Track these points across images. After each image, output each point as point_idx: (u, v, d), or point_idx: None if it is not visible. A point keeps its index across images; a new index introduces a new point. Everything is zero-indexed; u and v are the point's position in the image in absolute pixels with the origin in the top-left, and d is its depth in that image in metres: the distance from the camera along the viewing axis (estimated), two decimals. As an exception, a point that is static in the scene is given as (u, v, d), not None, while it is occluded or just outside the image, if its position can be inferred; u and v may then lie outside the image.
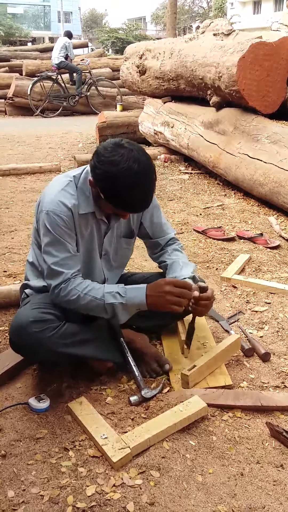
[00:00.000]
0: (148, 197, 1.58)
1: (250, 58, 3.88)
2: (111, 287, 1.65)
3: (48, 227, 1.59)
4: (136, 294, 1.64)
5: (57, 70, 10.14)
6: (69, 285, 1.61)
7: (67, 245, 1.62)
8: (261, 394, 1.65)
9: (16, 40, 31.09)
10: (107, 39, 33.09)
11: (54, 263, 1.61)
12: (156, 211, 1.87)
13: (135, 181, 1.50)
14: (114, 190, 1.52)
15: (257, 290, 2.47)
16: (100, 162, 1.52)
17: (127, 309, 1.64)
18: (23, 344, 1.58)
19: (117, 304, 1.61)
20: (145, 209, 1.69)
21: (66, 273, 1.61)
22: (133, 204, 1.58)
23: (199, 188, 4.52)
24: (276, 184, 3.49)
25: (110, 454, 1.38)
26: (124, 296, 1.62)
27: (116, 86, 10.28)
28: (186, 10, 43.51)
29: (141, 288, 1.65)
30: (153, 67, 5.60)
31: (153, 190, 1.60)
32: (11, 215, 3.75)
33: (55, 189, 1.64)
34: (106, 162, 1.51)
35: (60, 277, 1.61)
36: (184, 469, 1.37)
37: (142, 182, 1.52)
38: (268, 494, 1.30)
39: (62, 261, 1.61)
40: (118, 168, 1.49)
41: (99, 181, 1.55)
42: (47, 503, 1.27)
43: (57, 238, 1.60)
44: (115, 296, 1.62)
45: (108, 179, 1.52)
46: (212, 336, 2.01)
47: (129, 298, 1.63)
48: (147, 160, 1.54)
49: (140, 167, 1.50)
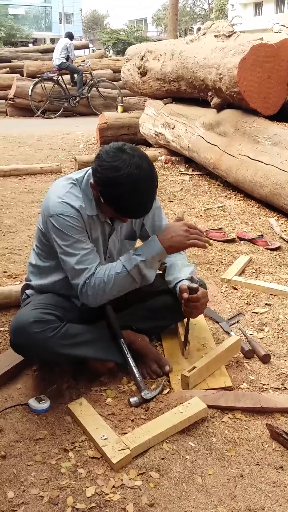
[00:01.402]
0: (148, 204, 1.57)
1: (251, 60, 3.88)
2: (125, 255, 1.66)
3: (61, 229, 1.59)
4: (151, 246, 1.64)
5: (58, 71, 10.16)
6: (91, 279, 1.61)
7: (83, 242, 1.62)
8: (261, 395, 1.65)
9: (17, 41, 31.19)
10: (108, 40, 33.17)
11: (76, 262, 1.60)
12: (158, 212, 1.86)
13: (136, 188, 1.49)
14: (115, 196, 1.52)
15: (258, 291, 2.47)
16: (101, 166, 1.52)
17: (150, 264, 1.63)
18: (24, 344, 1.58)
19: (139, 263, 1.61)
20: (146, 215, 1.69)
21: (90, 268, 1.61)
22: (133, 211, 1.58)
23: (200, 190, 4.53)
24: (276, 185, 3.50)
25: (110, 455, 1.38)
26: (141, 254, 1.62)
27: (117, 87, 10.29)
28: (187, 12, 43.58)
29: (152, 239, 1.66)
30: (154, 69, 5.60)
31: (154, 197, 1.59)
32: (12, 216, 3.75)
33: (59, 192, 1.63)
34: (108, 167, 1.50)
35: (85, 274, 1.61)
36: (184, 471, 1.37)
37: (143, 189, 1.52)
38: (268, 496, 1.30)
39: (83, 258, 1.61)
40: (119, 174, 1.48)
41: (100, 186, 1.55)
42: (47, 504, 1.27)
43: (72, 237, 1.60)
44: (134, 258, 1.62)
45: (108, 185, 1.51)
46: (212, 337, 2.01)
47: (146, 253, 1.62)
48: (148, 167, 1.53)
49: (141, 174, 1.49)
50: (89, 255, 1.62)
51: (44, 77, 10.06)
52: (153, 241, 1.64)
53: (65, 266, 1.64)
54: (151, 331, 1.95)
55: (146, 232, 1.87)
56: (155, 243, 1.64)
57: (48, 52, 14.63)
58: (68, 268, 1.63)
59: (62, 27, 30.39)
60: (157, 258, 1.65)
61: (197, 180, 4.85)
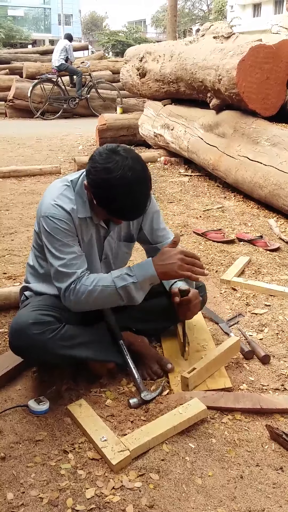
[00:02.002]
0: (141, 206, 1.56)
1: (250, 61, 3.89)
2: (117, 271, 1.64)
3: (49, 231, 1.59)
4: (144, 269, 1.61)
5: (57, 72, 10.16)
6: (77, 284, 1.60)
7: (71, 246, 1.61)
8: (261, 396, 1.65)
9: (16, 43, 31.22)
10: (107, 41, 33.20)
11: (61, 265, 1.59)
12: (156, 216, 1.86)
13: (128, 190, 1.48)
14: (107, 198, 1.52)
15: (257, 292, 2.47)
16: (94, 168, 1.51)
17: (140, 287, 1.61)
18: (23, 346, 1.57)
19: (129, 285, 1.59)
20: (139, 217, 1.68)
21: (76, 272, 1.60)
22: (126, 213, 1.57)
23: (199, 191, 4.53)
24: (276, 186, 3.50)
25: (110, 456, 1.38)
26: (133, 275, 1.60)
27: (116, 89, 10.30)
28: (186, 13, 43.61)
29: (147, 262, 1.63)
30: (153, 70, 5.61)
31: (148, 199, 1.58)
32: (11, 217, 3.75)
33: (53, 194, 1.63)
34: (100, 169, 1.50)
35: (70, 278, 1.59)
36: (183, 472, 1.37)
37: (136, 191, 1.50)
38: (268, 497, 1.30)
39: (69, 262, 1.60)
40: (111, 176, 1.48)
41: (93, 187, 1.54)
42: (47, 506, 1.26)
43: (60, 240, 1.59)
44: (125, 278, 1.60)
45: (101, 187, 1.51)
46: (212, 338, 2.01)
47: (139, 275, 1.60)
48: (142, 168, 1.52)
49: (134, 176, 1.49)
50: (75, 260, 1.61)
51: (44, 78, 10.06)
52: (148, 264, 1.62)
53: (50, 268, 1.63)
54: (151, 332, 1.95)
55: (145, 236, 1.86)
56: (149, 267, 1.61)
57: (47, 54, 14.64)
58: (53, 271, 1.62)
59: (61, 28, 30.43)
60: (148, 282, 1.63)
61: (196, 181, 4.86)
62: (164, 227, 1.90)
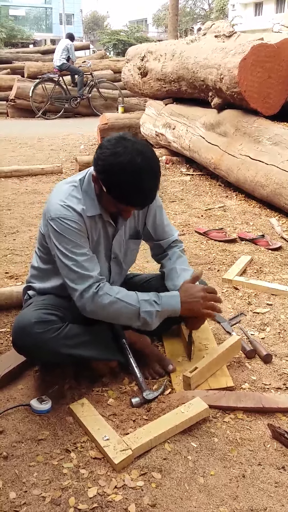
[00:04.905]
0: (151, 191, 1.55)
1: (251, 60, 3.88)
2: (145, 294, 1.66)
3: (61, 232, 1.57)
4: (171, 301, 1.67)
5: (59, 72, 10.16)
6: (99, 290, 1.59)
7: (83, 247, 1.61)
8: (263, 395, 1.65)
9: (18, 42, 31.24)
10: (108, 41, 33.20)
11: (75, 265, 1.58)
12: (159, 212, 1.86)
13: (137, 173, 1.47)
14: (116, 183, 1.51)
15: (259, 291, 2.47)
16: (103, 153, 1.51)
17: (161, 316, 1.66)
18: (26, 345, 1.58)
19: (153, 312, 1.63)
20: (148, 204, 1.65)
21: (93, 276, 1.59)
22: (136, 198, 1.54)
23: (201, 190, 4.53)
24: (277, 185, 3.49)
25: (112, 455, 1.38)
26: (160, 304, 1.64)
27: (118, 88, 10.30)
28: (187, 12, 43.58)
29: (174, 296, 1.68)
30: (154, 69, 5.61)
31: (157, 185, 1.56)
32: (13, 217, 3.75)
33: (61, 195, 1.62)
34: (109, 154, 1.49)
35: (88, 280, 1.58)
36: (185, 471, 1.37)
37: (145, 175, 1.49)
38: (270, 496, 1.30)
39: (84, 263, 1.59)
40: (120, 160, 1.47)
41: (101, 174, 1.53)
42: (49, 505, 1.27)
43: (73, 241, 1.58)
44: (152, 304, 1.64)
45: (110, 171, 1.50)
46: (214, 337, 2.01)
47: (164, 305, 1.65)
48: (151, 154, 1.53)
49: (144, 159, 1.49)
50: (89, 262, 1.61)
51: (45, 78, 10.06)
52: (175, 298, 1.67)
53: (63, 269, 1.61)
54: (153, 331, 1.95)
55: (148, 232, 1.86)
56: (175, 301, 1.67)
57: (49, 53, 14.64)
58: (65, 271, 1.60)
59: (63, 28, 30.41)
60: (170, 313, 1.68)
61: (198, 180, 4.86)
62: (167, 223, 1.91)
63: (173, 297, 1.68)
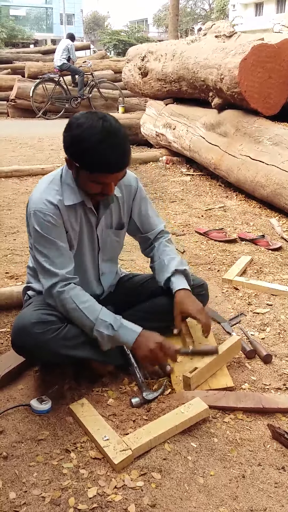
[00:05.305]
0: (119, 151, 1.52)
1: (252, 60, 3.88)
2: (107, 315, 1.62)
3: (36, 227, 1.59)
4: (127, 335, 1.61)
5: (59, 72, 10.16)
6: (67, 291, 1.60)
7: (57, 243, 1.61)
8: (263, 396, 1.65)
9: (18, 42, 31.27)
10: (109, 41, 33.21)
11: (45, 261, 1.60)
12: (144, 203, 1.86)
13: (101, 136, 1.48)
14: (82, 151, 1.51)
15: (259, 292, 2.47)
16: (67, 129, 1.55)
17: (113, 342, 1.64)
18: (25, 345, 1.58)
19: (105, 335, 1.60)
20: (122, 167, 1.55)
21: (60, 273, 1.60)
22: (105, 161, 1.50)
23: (201, 190, 4.53)
24: (278, 185, 3.49)
25: (112, 456, 1.38)
26: (116, 331, 1.60)
27: (118, 88, 10.30)
28: (188, 12, 43.60)
29: (134, 330, 1.62)
30: (155, 69, 5.61)
31: (126, 145, 1.54)
32: (13, 217, 3.75)
33: (40, 188, 1.65)
34: (73, 127, 1.52)
35: (54, 278, 1.60)
36: (185, 471, 1.37)
37: (110, 137, 1.49)
38: (270, 496, 1.30)
39: (54, 259, 1.60)
40: (83, 128, 1.50)
41: (68, 148, 1.55)
42: (49, 505, 1.27)
43: (46, 237, 1.59)
44: (107, 327, 1.60)
45: (75, 142, 1.52)
46: (214, 338, 2.01)
47: (118, 335, 1.61)
48: (114, 120, 1.53)
49: (106, 123, 1.50)
50: (60, 258, 1.62)
51: (46, 78, 10.06)
52: (133, 333, 1.62)
53: (36, 263, 1.64)
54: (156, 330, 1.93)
55: (135, 224, 1.87)
56: (132, 338, 1.61)
57: (49, 53, 14.65)
58: (38, 266, 1.63)
59: (63, 28, 30.40)
60: (121, 343, 1.65)
61: (198, 181, 4.86)
62: (153, 215, 1.90)
63: (132, 332, 1.62)
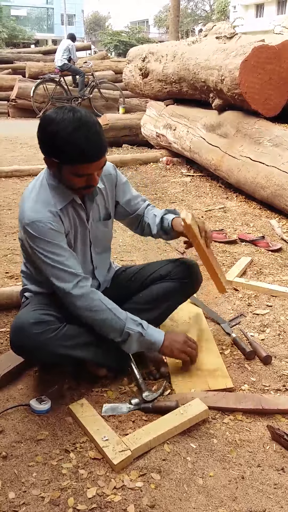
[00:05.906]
0: (95, 138, 1.51)
1: (252, 61, 3.88)
2: (135, 316, 1.68)
3: (38, 235, 1.57)
4: (156, 333, 1.69)
5: (60, 72, 10.16)
6: (92, 293, 1.61)
7: (63, 247, 1.61)
8: (262, 397, 1.65)
9: (19, 42, 31.28)
10: (110, 42, 33.21)
11: (58, 267, 1.58)
12: (126, 187, 1.87)
13: (74, 126, 1.47)
14: (59, 145, 1.50)
15: (259, 293, 2.47)
16: (39, 128, 1.54)
17: (140, 343, 1.66)
18: (24, 345, 1.58)
19: (136, 333, 1.63)
20: (101, 154, 1.54)
21: (77, 274, 1.60)
22: (82, 149, 1.49)
23: (201, 191, 4.53)
24: (278, 187, 3.50)
25: (111, 456, 1.38)
26: (145, 330, 1.65)
27: (119, 89, 10.30)
28: (188, 13, 43.62)
29: (161, 332, 1.70)
30: (155, 70, 5.61)
31: (100, 132, 1.53)
32: (14, 217, 3.75)
33: (30, 198, 1.62)
34: (44, 124, 1.52)
35: (75, 278, 1.60)
36: (184, 472, 1.37)
37: (83, 125, 1.48)
38: (269, 498, 1.30)
39: (66, 262, 1.60)
40: (55, 122, 1.49)
41: (45, 146, 1.55)
42: (48, 505, 1.27)
43: (52, 242, 1.58)
44: (138, 325, 1.64)
45: (50, 138, 1.51)
46: (214, 338, 2.01)
47: (148, 334, 1.66)
48: (84, 110, 1.53)
49: (76, 114, 1.49)
50: (71, 260, 1.62)
51: (46, 78, 10.06)
52: (161, 334, 1.69)
53: (47, 271, 1.60)
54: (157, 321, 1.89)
55: (122, 208, 1.88)
56: (160, 335, 1.68)
57: (50, 54, 14.64)
58: (51, 272, 1.59)
59: (64, 28, 30.38)
60: (149, 345, 1.69)
61: (198, 182, 4.86)
62: (136, 195, 1.92)
63: (160, 333, 1.70)
